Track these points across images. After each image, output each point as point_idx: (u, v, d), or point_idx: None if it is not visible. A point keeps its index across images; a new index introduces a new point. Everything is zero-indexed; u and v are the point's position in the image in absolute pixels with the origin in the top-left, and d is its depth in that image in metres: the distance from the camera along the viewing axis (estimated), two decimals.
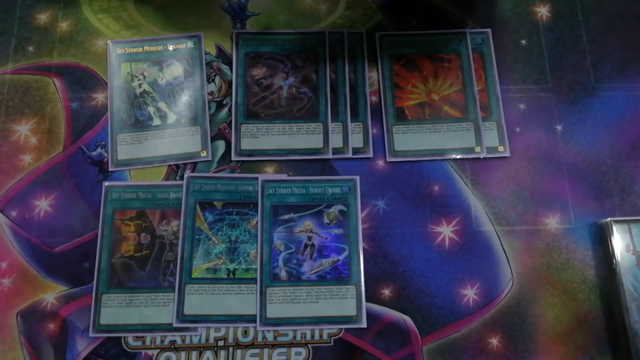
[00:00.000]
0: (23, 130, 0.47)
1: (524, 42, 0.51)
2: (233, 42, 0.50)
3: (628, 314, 0.42)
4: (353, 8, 0.51)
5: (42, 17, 0.50)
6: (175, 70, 0.49)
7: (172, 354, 0.42)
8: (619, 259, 0.43)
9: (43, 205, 0.45)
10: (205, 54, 0.49)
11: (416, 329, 0.43)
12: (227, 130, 0.47)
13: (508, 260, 0.44)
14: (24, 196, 0.45)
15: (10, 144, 0.47)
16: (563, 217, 0.46)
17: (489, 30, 0.51)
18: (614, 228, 0.44)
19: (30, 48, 0.49)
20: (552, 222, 0.46)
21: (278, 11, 0.51)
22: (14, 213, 0.45)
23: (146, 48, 0.49)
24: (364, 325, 0.43)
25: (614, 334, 0.43)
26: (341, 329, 0.43)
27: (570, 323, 0.43)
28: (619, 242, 0.43)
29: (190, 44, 0.49)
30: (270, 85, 0.49)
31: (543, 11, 0.52)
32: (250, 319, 0.43)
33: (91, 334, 0.42)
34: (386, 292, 0.44)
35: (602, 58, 0.50)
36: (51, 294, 0.43)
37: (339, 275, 0.44)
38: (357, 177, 0.46)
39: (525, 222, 0.46)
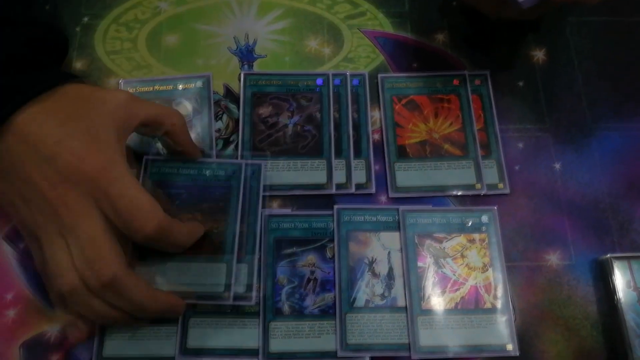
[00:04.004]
0: None
1: (521, 84, 0.53)
2: (241, 82, 0.52)
3: (631, 350, 0.42)
4: (356, 51, 0.54)
5: None
6: (184, 108, 0.50)
7: None
8: (620, 295, 0.43)
9: None
10: (214, 93, 0.51)
11: None
12: None
13: (510, 296, 0.45)
14: None
15: None
16: (563, 254, 0.46)
17: (487, 72, 0.53)
18: (614, 264, 0.44)
19: None
20: (553, 259, 0.46)
21: (284, 54, 0.53)
22: (21, 245, 0.46)
23: (156, 87, 0.51)
24: None
25: None
26: None
27: None
28: (619, 278, 0.44)
29: (199, 83, 0.51)
30: (275, 124, 0.50)
31: (539, 55, 0.54)
32: (253, 352, 0.43)
33: None
34: None
35: (597, 100, 0.52)
36: (55, 325, 0.44)
37: None
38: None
39: (526, 258, 0.46)
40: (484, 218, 0.47)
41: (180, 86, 0.51)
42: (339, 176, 0.48)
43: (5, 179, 0.38)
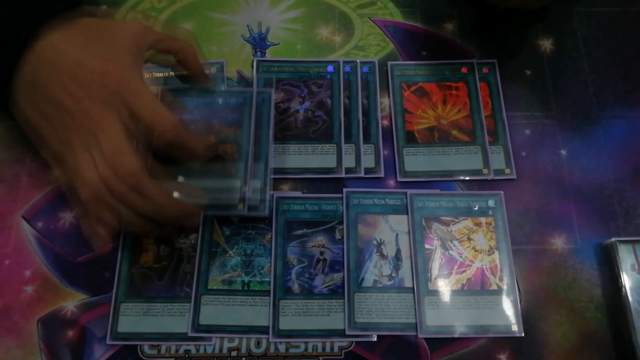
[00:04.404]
0: None
1: (528, 72, 0.53)
2: (254, 68, 0.53)
3: (635, 331, 0.42)
4: (366, 39, 0.55)
5: None
6: None
7: None
8: (625, 278, 0.44)
9: (68, 217, 0.47)
10: (227, 79, 0.52)
11: (426, 344, 0.44)
12: None
13: (516, 278, 0.46)
14: (50, 208, 0.48)
15: (41, 159, 0.49)
16: (569, 238, 0.47)
17: (495, 60, 0.53)
18: (619, 248, 0.45)
19: None
20: (558, 243, 0.47)
21: (296, 41, 0.55)
22: (39, 224, 0.47)
23: (172, 73, 0.52)
24: (374, 338, 0.44)
25: (621, 352, 0.43)
26: (352, 342, 0.44)
27: (578, 341, 0.44)
28: (624, 261, 0.44)
29: (213, 69, 0.52)
30: (287, 109, 0.51)
31: (547, 44, 0.55)
32: (264, 330, 0.44)
33: (108, 342, 0.43)
34: None
35: (604, 88, 0.53)
36: (71, 302, 0.45)
37: None
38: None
39: (532, 241, 0.47)
40: (491, 202, 0.48)
41: None
42: (349, 160, 0.49)
43: (31, 103, 0.41)
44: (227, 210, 0.46)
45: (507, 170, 0.49)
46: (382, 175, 0.49)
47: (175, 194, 0.42)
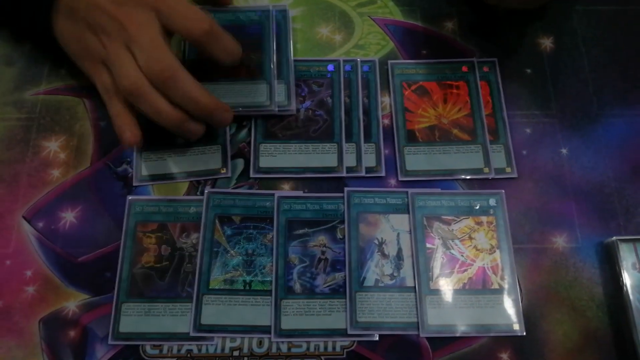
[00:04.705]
0: (53, 146, 0.50)
1: (528, 70, 0.53)
2: None
3: (636, 330, 0.42)
4: (366, 38, 0.55)
5: None
6: None
7: None
8: (626, 276, 0.44)
9: (69, 217, 0.47)
10: None
11: (428, 344, 0.44)
12: (246, 149, 0.50)
13: (517, 277, 0.46)
14: (51, 208, 0.48)
15: (40, 159, 0.49)
16: (570, 237, 0.47)
17: (496, 59, 0.53)
18: (620, 246, 0.45)
19: (63, 71, 0.52)
20: (559, 241, 0.47)
21: (296, 41, 0.54)
22: (40, 224, 0.47)
23: None
24: (376, 338, 0.44)
25: (622, 351, 0.43)
26: (354, 341, 0.44)
27: (579, 340, 0.44)
28: (625, 260, 0.45)
29: None
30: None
31: (547, 43, 0.55)
32: (265, 330, 0.44)
33: (110, 342, 0.43)
34: None
35: (604, 87, 0.53)
36: (73, 302, 0.45)
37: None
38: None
39: (533, 240, 0.47)
40: (492, 201, 0.48)
41: None
42: (350, 159, 0.49)
43: (73, 15, 0.46)
44: (258, 108, 0.50)
45: (508, 169, 0.49)
46: (383, 174, 0.49)
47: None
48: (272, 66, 0.51)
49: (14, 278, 0.45)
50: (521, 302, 0.45)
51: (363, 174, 0.49)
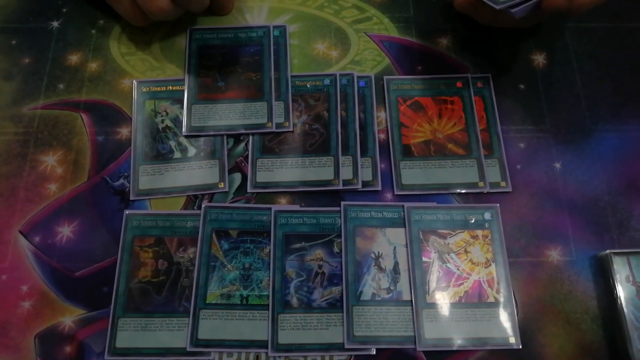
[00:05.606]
0: (50, 161, 0.50)
1: (522, 86, 0.54)
2: None
3: (630, 343, 0.43)
4: (362, 54, 0.55)
5: (73, 58, 0.54)
6: None
7: None
8: (620, 289, 0.44)
9: (65, 231, 0.47)
10: None
11: (425, 357, 0.44)
12: (243, 164, 0.50)
13: (513, 290, 0.46)
14: (47, 222, 0.48)
15: (37, 174, 0.49)
16: (564, 250, 0.48)
17: (490, 75, 0.54)
18: (614, 260, 0.45)
19: (61, 86, 0.53)
20: (554, 255, 0.48)
21: (293, 56, 0.55)
22: (37, 238, 0.47)
23: (169, 87, 0.53)
24: (373, 352, 0.44)
25: None
26: (351, 355, 0.44)
27: (575, 353, 0.44)
28: (618, 273, 0.45)
29: None
30: None
31: (539, 58, 0.56)
32: (262, 344, 0.44)
33: (106, 358, 0.43)
34: None
35: (597, 102, 0.53)
36: (69, 317, 0.45)
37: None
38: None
39: (528, 254, 0.48)
40: (487, 215, 0.48)
41: None
42: (346, 172, 0.49)
43: None
44: (257, 129, 0.51)
45: (503, 183, 0.50)
46: (379, 188, 0.49)
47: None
48: (271, 86, 0.52)
49: (10, 293, 0.45)
50: (517, 315, 0.45)
51: (359, 186, 0.49)
